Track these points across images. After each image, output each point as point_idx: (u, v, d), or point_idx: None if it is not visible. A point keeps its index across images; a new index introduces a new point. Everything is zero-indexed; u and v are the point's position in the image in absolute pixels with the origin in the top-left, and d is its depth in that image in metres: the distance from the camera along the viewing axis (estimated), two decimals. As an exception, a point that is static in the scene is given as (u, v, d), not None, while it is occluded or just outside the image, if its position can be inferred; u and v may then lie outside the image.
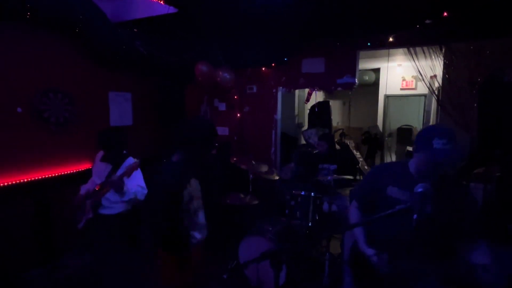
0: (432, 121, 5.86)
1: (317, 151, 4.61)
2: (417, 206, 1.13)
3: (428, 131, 1.53)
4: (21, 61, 2.99)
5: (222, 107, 4.60)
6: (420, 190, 1.17)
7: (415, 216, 1.11)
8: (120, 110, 4.05)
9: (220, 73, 4.00)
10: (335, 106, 8.51)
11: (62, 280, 2.88)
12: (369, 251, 1.60)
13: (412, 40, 3.50)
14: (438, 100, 3.95)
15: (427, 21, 2.98)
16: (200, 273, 2.24)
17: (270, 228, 3.06)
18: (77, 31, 3.27)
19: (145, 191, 2.53)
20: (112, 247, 2.57)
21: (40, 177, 3.12)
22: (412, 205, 1.15)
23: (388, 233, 1.59)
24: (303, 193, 3.31)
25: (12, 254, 2.91)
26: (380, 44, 3.65)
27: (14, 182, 2.93)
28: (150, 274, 2.66)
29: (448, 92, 3.69)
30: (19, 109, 2.98)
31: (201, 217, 1.91)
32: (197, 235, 1.91)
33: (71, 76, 3.42)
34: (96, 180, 2.60)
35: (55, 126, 3.28)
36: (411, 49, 3.69)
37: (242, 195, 3.38)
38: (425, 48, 3.66)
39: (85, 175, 2.86)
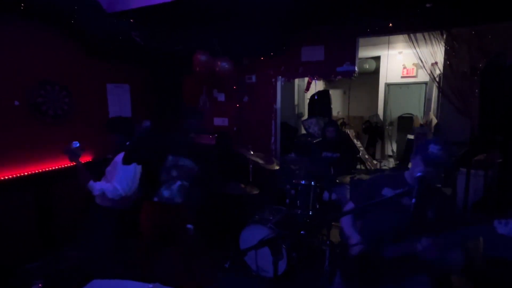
0: (433, 109, 5.83)
1: (317, 140, 4.60)
2: (416, 190, 1.13)
3: (426, 142, 1.66)
4: (17, 54, 2.96)
5: (221, 97, 4.57)
6: (418, 174, 1.17)
7: (413, 200, 1.12)
8: (119, 102, 4.02)
9: (219, 63, 3.95)
10: (335, 95, 8.47)
11: (63, 271, 2.90)
12: (355, 235, 1.71)
13: (413, 26, 3.45)
14: (439, 87, 3.92)
15: (428, 5, 2.92)
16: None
17: (271, 217, 3.08)
18: (72, 22, 3.23)
19: (119, 192, 2.42)
20: (107, 239, 2.59)
21: (39, 170, 3.12)
22: (411, 189, 1.15)
23: (380, 227, 1.64)
24: (303, 182, 3.31)
25: (14, 246, 2.94)
26: (380, 30, 3.60)
27: (13, 176, 2.93)
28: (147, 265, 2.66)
29: (449, 79, 3.65)
30: (16, 102, 2.96)
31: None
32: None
33: (68, 68, 3.39)
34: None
35: (53, 119, 3.26)
36: (411, 35, 3.64)
37: (242, 185, 3.38)
38: (426, 34, 3.61)
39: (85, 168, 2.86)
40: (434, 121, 5.11)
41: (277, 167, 3.67)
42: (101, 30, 3.41)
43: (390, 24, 3.48)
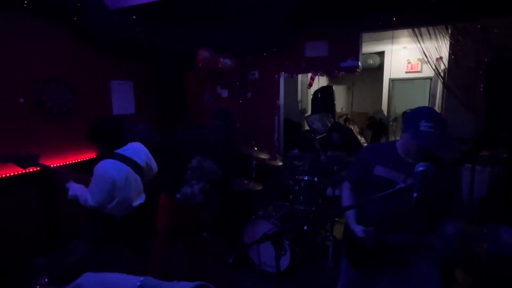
0: (437, 104, 5.78)
1: (320, 136, 4.59)
2: (418, 184, 1.12)
3: (416, 112, 1.55)
4: (21, 51, 2.97)
5: (224, 93, 4.56)
6: (421, 168, 1.16)
7: (415, 194, 1.11)
8: (123, 99, 4.03)
9: (222, 59, 3.95)
10: (339, 91, 8.41)
11: (69, 266, 2.94)
12: (357, 228, 1.64)
13: (417, 20, 3.41)
14: (444, 82, 3.88)
15: (432, -1, 2.89)
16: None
17: (274, 213, 3.09)
18: (75, 19, 3.24)
19: (90, 203, 2.15)
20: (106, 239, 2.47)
21: (45, 166, 3.14)
22: (413, 184, 1.14)
23: (379, 211, 1.62)
24: (306, 178, 3.31)
25: (20, 241, 2.97)
26: (384, 24, 3.56)
27: (19, 172, 2.96)
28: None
29: (454, 74, 3.61)
30: (21, 100, 2.98)
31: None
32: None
33: (72, 65, 3.40)
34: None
35: (57, 116, 3.28)
36: (416, 30, 3.60)
37: (245, 181, 3.39)
38: (430, 29, 3.57)
39: (89, 164, 2.87)
40: (439, 116, 5.05)
41: (280, 163, 3.67)
42: (104, 26, 3.41)
43: (394, 19, 3.45)
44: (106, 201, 2.18)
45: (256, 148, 3.56)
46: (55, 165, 3.21)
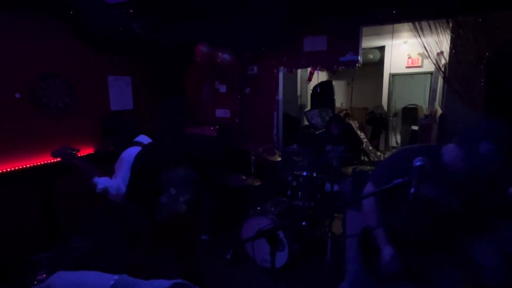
0: (438, 99, 5.74)
1: (319, 131, 4.57)
2: (415, 179, 1.09)
3: (478, 128, 1.30)
4: (17, 46, 2.94)
5: (223, 89, 4.53)
6: (418, 163, 1.13)
7: (412, 190, 1.07)
8: (120, 94, 4.01)
9: (220, 54, 3.91)
10: (339, 86, 8.37)
11: (69, 262, 2.94)
12: (387, 249, 1.48)
13: (418, 14, 3.37)
14: (444, 77, 3.84)
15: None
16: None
17: (272, 209, 3.08)
18: (72, 13, 3.20)
19: (123, 191, 2.23)
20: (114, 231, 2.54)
21: (42, 163, 3.13)
22: (410, 179, 1.10)
23: (403, 226, 1.49)
24: (305, 173, 3.30)
25: (19, 238, 2.97)
26: (385, 19, 3.52)
27: (16, 168, 2.95)
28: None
29: (455, 68, 3.57)
30: (17, 95, 2.96)
31: None
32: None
33: (69, 61, 3.38)
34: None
35: (55, 111, 3.26)
36: (417, 24, 3.56)
37: (244, 177, 3.38)
38: (431, 23, 3.52)
39: (87, 160, 2.85)
40: (439, 111, 5.03)
41: (279, 159, 3.65)
42: (101, 21, 3.37)
43: (394, 12, 3.40)
44: None
45: (254, 143, 3.55)
46: (51, 161, 3.20)
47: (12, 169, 2.93)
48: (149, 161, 2.12)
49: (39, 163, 3.11)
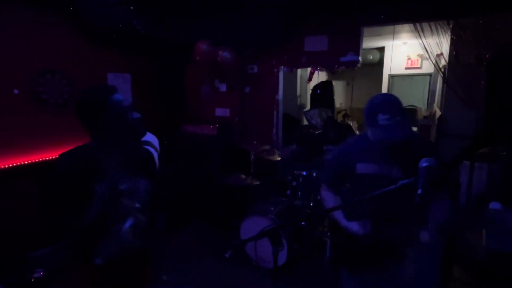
0: (437, 101, 5.76)
1: (319, 131, 4.57)
2: (422, 181, 1.10)
3: (372, 105, 1.50)
4: (16, 42, 2.92)
5: (223, 87, 4.52)
6: (425, 164, 1.14)
7: (419, 191, 1.09)
8: (120, 91, 3.98)
9: (220, 52, 3.90)
10: (338, 87, 8.37)
11: (65, 260, 2.92)
12: (352, 224, 1.60)
13: (419, 15, 3.37)
14: (444, 78, 3.85)
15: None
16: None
17: (272, 208, 3.07)
18: (71, 9, 3.18)
19: None
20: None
21: (41, 159, 3.11)
22: (415, 180, 1.12)
23: (373, 206, 1.59)
24: (304, 173, 3.30)
25: (19, 235, 2.95)
26: (386, 19, 3.52)
27: (15, 164, 2.93)
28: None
29: (455, 70, 3.58)
30: (15, 91, 2.94)
31: None
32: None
33: (68, 57, 3.36)
34: None
35: (54, 108, 3.24)
36: (417, 25, 3.56)
37: (243, 176, 3.37)
38: (432, 24, 3.52)
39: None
40: (438, 113, 5.04)
41: (278, 158, 3.65)
42: (101, 17, 3.35)
43: (396, 13, 3.40)
44: None
45: (254, 143, 3.54)
46: (49, 157, 3.17)
47: (11, 165, 2.90)
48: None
49: (38, 160, 3.09)
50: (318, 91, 6.10)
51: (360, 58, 3.76)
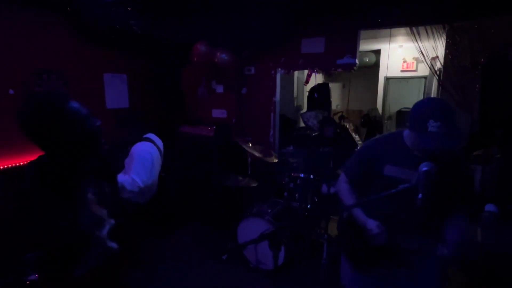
0: (432, 103, 5.80)
1: (315, 133, 4.59)
2: (422, 185, 1.11)
3: (423, 109, 1.42)
4: (13, 41, 2.89)
5: (220, 89, 4.52)
6: (425, 169, 1.14)
7: (420, 195, 1.09)
8: (116, 92, 3.97)
9: (218, 54, 3.90)
10: (335, 89, 8.42)
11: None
12: (371, 222, 1.56)
13: (415, 19, 3.41)
14: (439, 81, 3.89)
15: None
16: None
17: (269, 210, 3.07)
18: (68, 10, 3.16)
19: (138, 183, 2.24)
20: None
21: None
22: (416, 184, 1.13)
23: (385, 209, 1.57)
24: (302, 175, 3.31)
25: (10, 237, 2.92)
26: (383, 22, 3.55)
27: (10, 166, 2.90)
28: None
29: (450, 73, 3.62)
30: (11, 91, 2.91)
31: None
32: None
33: (64, 57, 3.33)
34: None
35: (49, 109, 3.21)
36: (414, 28, 3.60)
37: (240, 177, 3.37)
38: (428, 28, 3.57)
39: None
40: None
41: (275, 160, 3.65)
42: (98, 17, 3.33)
43: (392, 16, 3.43)
44: (149, 180, 2.33)
45: (251, 145, 3.54)
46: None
47: (7, 166, 2.88)
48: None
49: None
50: (315, 93, 6.13)
51: (357, 61, 3.79)
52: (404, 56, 6.96)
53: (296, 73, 6.71)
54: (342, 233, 1.83)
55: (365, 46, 6.79)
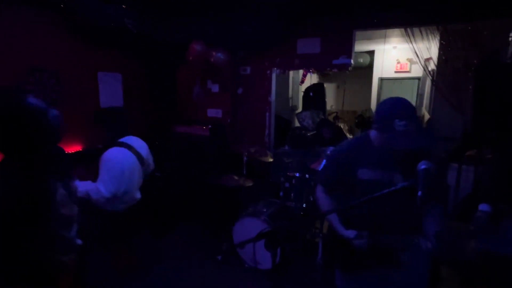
0: (425, 104, 5.88)
1: (311, 133, 4.60)
2: (421, 183, 1.12)
3: (388, 109, 1.45)
4: (4, 39, 2.84)
5: (215, 88, 4.50)
6: (423, 167, 1.16)
7: (419, 193, 1.11)
8: (110, 91, 3.93)
9: (214, 53, 3.89)
10: (329, 89, 8.46)
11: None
12: (349, 233, 1.58)
13: (411, 20, 3.44)
14: (432, 81, 3.93)
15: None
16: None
17: (265, 210, 3.07)
18: (62, 7, 3.11)
19: (103, 193, 2.13)
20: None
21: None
22: (415, 182, 1.14)
23: (370, 213, 1.58)
24: (297, 174, 3.31)
25: None
26: (378, 23, 3.58)
27: (1, 165, 2.85)
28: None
29: (443, 74, 3.67)
30: (2, 89, 2.86)
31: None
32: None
33: (57, 55, 3.28)
34: None
35: (42, 107, 3.16)
36: (408, 30, 3.63)
37: (236, 177, 3.36)
38: (422, 29, 3.61)
39: (75, 158, 2.78)
40: (427, 116, 5.15)
41: (271, 160, 3.66)
42: (92, 15, 3.29)
43: (387, 17, 3.46)
44: (117, 190, 2.19)
45: (246, 144, 3.54)
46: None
47: None
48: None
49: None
50: (311, 93, 6.15)
51: (352, 61, 3.81)
52: (398, 57, 7.03)
53: (291, 73, 6.72)
54: (328, 241, 1.83)
55: (359, 47, 6.83)
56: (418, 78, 6.83)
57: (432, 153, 1.58)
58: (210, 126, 4.08)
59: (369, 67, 7.63)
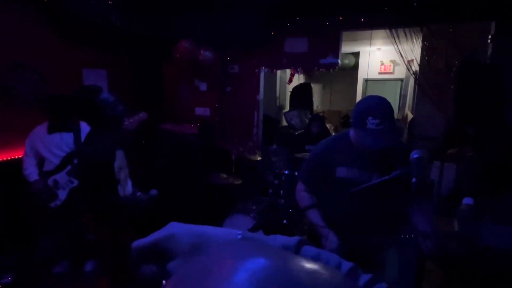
0: (408, 105, 6.04)
1: (299, 132, 4.64)
2: (415, 170, 1.16)
3: (363, 107, 1.43)
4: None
5: (203, 87, 4.48)
6: (416, 156, 1.19)
7: (414, 179, 1.14)
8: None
9: (202, 51, 3.87)
10: (315, 90, 8.54)
11: (34, 265, 2.78)
12: (331, 235, 1.55)
13: (395, 21, 3.54)
14: (415, 80, 4.04)
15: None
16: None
17: (254, 207, 3.08)
18: (45, 2, 3.03)
19: (24, 170, 2.59)
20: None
21: (8, 158, 2.93)
22: (409, 171, 1.17)
23: (348, 212, 1.56)
24: (286, 172, 3.34)
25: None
26: (364, 24, 3.66)
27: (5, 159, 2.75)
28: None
29: (426, 74, 3.78)
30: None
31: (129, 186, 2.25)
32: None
33: (40, 51, 3.19)
34: (50, 157, 2.56)
35: (24, 104, 3.06)
36: (393, 31, 3.73)
37: (224, 175, 3.36)
38: (406, 31, 3.71)
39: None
40: (410, 116, 5.29)
41: (259, 158, 3.67)
42: (78, 11, 3.22)
43: (373, 18, 3.54)
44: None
45: (235, 143, 3.54)
46: (17, 156, 3.00)
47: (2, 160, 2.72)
48: None
49: (5, 159, 2.91)
50: (298, 93, 6.20)
51: (339, 61, 3.88)
52: (382, 59, 7.18)
53: (278, 72, 6.75)
54: (309, 238, 1.81)
55: (345, 48, 6.93)
56: (401, 79, 7.00)
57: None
58: (198, 124, 4.05)
59: (354, 68, 7.77)
